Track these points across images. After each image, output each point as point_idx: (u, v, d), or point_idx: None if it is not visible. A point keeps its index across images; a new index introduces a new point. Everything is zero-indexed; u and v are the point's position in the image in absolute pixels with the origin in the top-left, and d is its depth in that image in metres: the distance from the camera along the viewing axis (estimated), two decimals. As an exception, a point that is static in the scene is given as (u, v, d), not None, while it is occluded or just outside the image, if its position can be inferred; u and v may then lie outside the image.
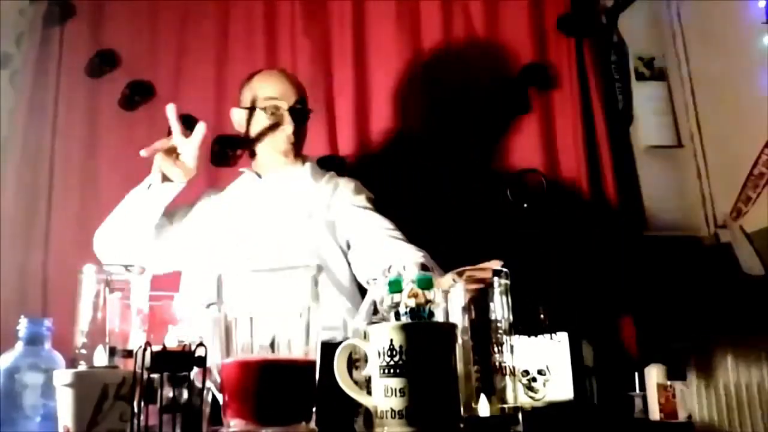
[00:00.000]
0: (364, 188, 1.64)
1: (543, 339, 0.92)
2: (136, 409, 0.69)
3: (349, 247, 1.53)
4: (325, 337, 0.83)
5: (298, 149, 1.64)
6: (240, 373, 0.72)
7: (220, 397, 0.75)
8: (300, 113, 1.61)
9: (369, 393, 0.78)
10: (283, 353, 0.74)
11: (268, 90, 1.61)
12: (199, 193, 1.68)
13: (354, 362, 0.84)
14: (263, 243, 1.49)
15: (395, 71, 2.07)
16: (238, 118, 1.65)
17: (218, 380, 0.76)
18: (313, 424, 0.74)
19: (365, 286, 0.92)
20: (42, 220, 1.96)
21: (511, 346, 0.83)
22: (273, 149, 1.61)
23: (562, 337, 0.93)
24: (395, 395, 0.73)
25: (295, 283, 0.76)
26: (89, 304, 0.86)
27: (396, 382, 0.74)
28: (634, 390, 1.46)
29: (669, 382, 1.42)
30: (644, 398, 1.44)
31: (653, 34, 2.21)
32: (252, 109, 1.60)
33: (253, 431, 0.71)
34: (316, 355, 0.76)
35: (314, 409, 0.74)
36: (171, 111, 1.41)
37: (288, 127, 1.58)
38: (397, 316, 0.77)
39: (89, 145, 2.04)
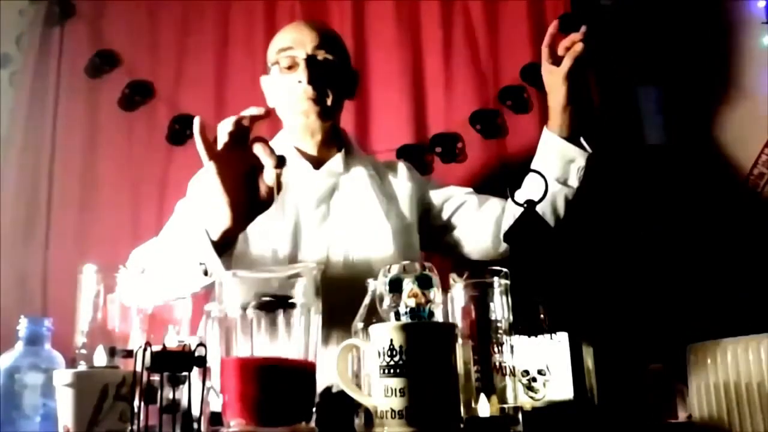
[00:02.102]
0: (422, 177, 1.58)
1: (543, 339, 0.92)
2: (136, 409, 0.69)
3: (446, 228, 1.48)
4: None
5: (327, 113, 1.36)
6: (240, 373, 0.72)
7: (220, 397, 0.76)
8: (322, 65, 1.32)
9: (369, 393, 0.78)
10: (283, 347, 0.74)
11: (281, 41, 1.36)
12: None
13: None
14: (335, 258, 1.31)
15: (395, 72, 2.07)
16: (264, 89, 1.44)
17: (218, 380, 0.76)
18: (312, 424, 0.74)
19: (371, 283, 0.91)
20: (42, 220, 1.96)
21: (511, 346, 0.83)
22: (292, 111, 1.37)
23: (562, 337, 0.93)
24: (395, 395, 0.73)
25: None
26: (89, 304, 0.87)
27: (396, 382, 0.74)
28: (634, 390, 1.46)
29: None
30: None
31: (652, 34, 2.21)
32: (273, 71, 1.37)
33: (253, 431, 0.71)
34: (316, 355, 0.76)
35: (314, 409, 0.74)
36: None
37: (302, 77, 1.30)
38: (397, 316, 0.78)
39: (89, 145, 2.04)
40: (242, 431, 0.71)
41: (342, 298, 0.92)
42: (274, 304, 0.74)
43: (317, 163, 1.41)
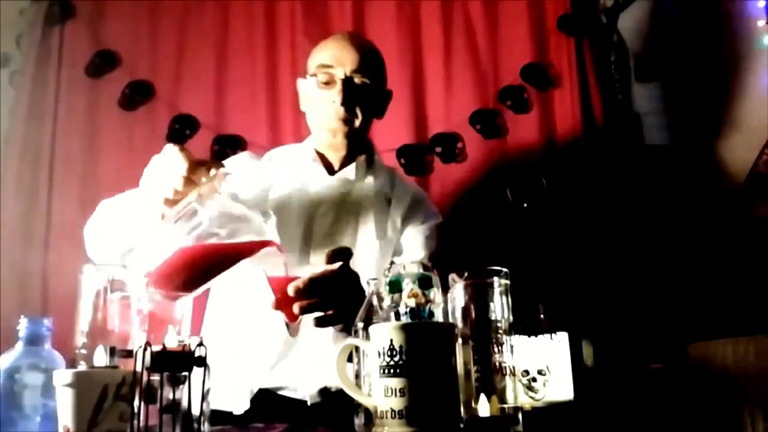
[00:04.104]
0: (434, 213, 1.50)
1: (543, 339, 0.92)
2: (136, 409, 0.69)
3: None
4: None
5: (355, 134, 1.40)
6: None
7: None
8: (357, 88, 1.36)
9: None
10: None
11: (323, 56, 1.39)
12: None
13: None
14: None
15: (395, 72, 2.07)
16: (300, 91, 1.47)
17: None
18: None
19: (372, 283, 0.92)
20: (42, 220, 1.96)
21: (511, 346, 0.83)
22: (321, 126, 1.40)
23: (562, 337, 0.93)
24: (395, 395, 0.73)
25: None
26: (89, 304, 0.86)
27: (396, 382, 0.74)
28: (634, 390, 1.46)
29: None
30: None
31: (653, 34, 2.21)
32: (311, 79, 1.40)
33: None
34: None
35: None
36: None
37: (336, 99, 1.34)
38: (397, 316, 0.78)
39: (89, 145, 2.04)
40: None
41: None
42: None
43: (334, 170, 1.45)
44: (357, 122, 1.39)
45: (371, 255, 1.36)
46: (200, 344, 0.72)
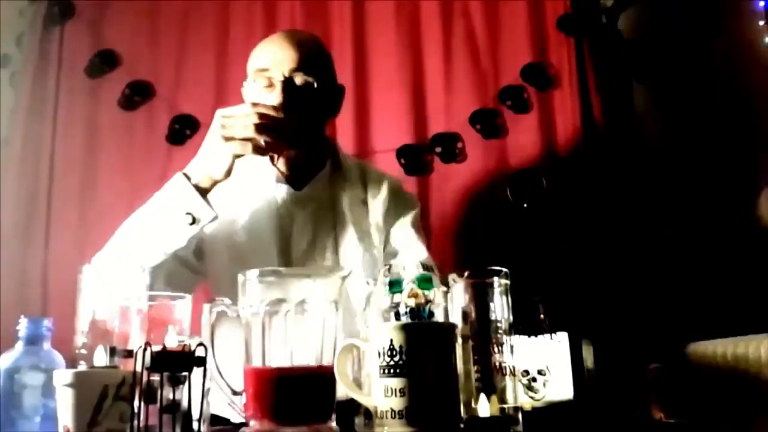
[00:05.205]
0: (413, 200, 1.47)
1: (543, 339, 0.92)
2: (136, 409, 0.69)
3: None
4: None
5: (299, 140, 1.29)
6: (258, 380, 0.73)
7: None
8: (300, 88, 1.26)
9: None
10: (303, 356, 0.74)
11: (260, 59, 1.29)
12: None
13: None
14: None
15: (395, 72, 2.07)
16: (245, 98, 1.36)
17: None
18: (333, 423, 0.74)
19: (365, 286, 0.92)
20: (42, 221, 1.97)
21: (511, 346, 0.83)
22: None
23: (562, 337, 0.93)
24: (395, 395, 0.73)
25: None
26: (89, 304, 0.86)
27: (396, 382, 0.74)
28: (634, 389, 1.46)
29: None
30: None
31: (653, 34, 2.21)
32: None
33: (271, 430, 0.71)
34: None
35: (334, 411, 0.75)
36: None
37: (277, 104, 1.22)
38: (397, 316, 0.78)
39: (89, 145, 2.04)
40: (261, 430, 0.72)
41: None
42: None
43: (299, 183, 1.37)
44: (308, 125, 1.29)
45: (356, 262, 1.31)
46: (200, 344, 0.72)
